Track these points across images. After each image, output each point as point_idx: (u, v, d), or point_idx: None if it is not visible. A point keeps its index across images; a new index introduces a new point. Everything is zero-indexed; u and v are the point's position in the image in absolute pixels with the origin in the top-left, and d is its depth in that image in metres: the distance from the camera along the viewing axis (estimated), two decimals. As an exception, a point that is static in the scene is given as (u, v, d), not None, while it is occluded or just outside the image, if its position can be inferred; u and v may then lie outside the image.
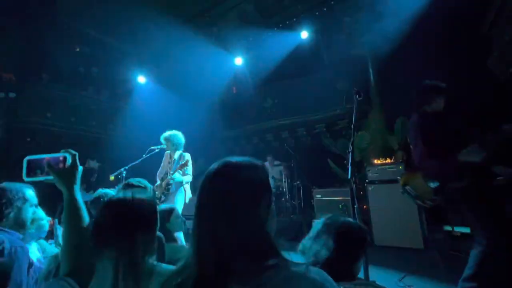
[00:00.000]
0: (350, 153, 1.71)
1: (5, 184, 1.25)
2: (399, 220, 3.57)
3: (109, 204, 0.88)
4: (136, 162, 3.17)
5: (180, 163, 3.11)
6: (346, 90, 5.33)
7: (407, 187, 1.90)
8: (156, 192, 3.11)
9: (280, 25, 6.87)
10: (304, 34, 6.32)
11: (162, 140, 3.38)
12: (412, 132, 1.89)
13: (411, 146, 1.98)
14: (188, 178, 3.24)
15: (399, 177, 2.00)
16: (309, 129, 6.10)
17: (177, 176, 3.12)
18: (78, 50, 7.32)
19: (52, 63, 6.31)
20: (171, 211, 1.79)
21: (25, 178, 0.85)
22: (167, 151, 3.45)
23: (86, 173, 5.99)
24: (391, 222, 3.64)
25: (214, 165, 0.63)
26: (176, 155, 3.34)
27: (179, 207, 3.11)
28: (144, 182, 1.70)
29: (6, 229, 1.18)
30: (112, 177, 5.10)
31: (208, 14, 7.91)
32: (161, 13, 7.85)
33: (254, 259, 0.51)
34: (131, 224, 0.83)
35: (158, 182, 3.25)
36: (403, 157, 4.55)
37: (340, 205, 4.08)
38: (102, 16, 7.16)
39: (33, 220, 1.30)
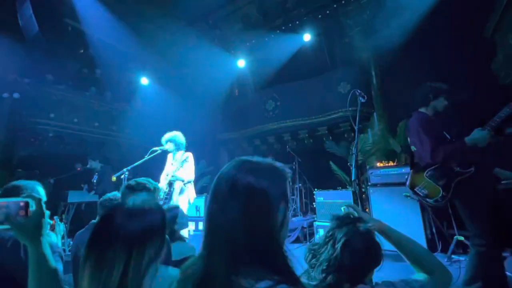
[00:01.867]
0: (354, 155, 1.69)
1: (21, 182, 1.25)
2: (402, 223, 3.53)
3: (116, 211, 0.85)
4: (138, 162, 3.16)
5: (182, 162, 3.11)
6: (349, 92, 5.32)
7: (416, 188, 1.88)
8: (160, 193, 3.10)
9: (283, 28, 6.88)
10: (307, 37, 6.33)
11: (163, 142, 3.37)
12: (414, 132, 1.88)
13: (412, 148, 1.96)
14: (191, 177, 3.24)
15: (406, 180, 1.98)
16: (311, 132, 6.07)
17: (180, 175, 3.12)
18: (82, 51, 7.38)
19: (56, 64, 6.36)
20: (176, 211, 1.79)
21: None
22: (169, 153, 3.45)
23: (88, 174, 5.99)
24: (393, 226, 3.60)
25: (231, 165, 0.58)
26: (178, 155, 3.34)
27: (183, 206, 3.11)
28: (152, 182, 1.69)
29: None
30: (114, 178, 5.11)
31: (211, 16, 7.96)
32: (164, 16, 7.91)
33: (264, 272, 0.47)
34: (140, 234, 0.79)
35: (161, 183, 3.25)
36: (406, 160, 4.52)
37: (342, 208, 4.04)
38: (105, 18, 7.22)
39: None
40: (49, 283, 0.70)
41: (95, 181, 5.09)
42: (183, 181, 3.13)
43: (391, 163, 4.32)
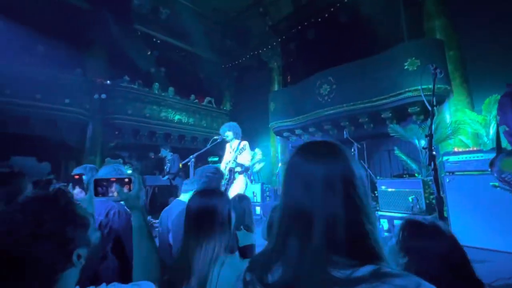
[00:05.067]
0: (428, 138, 1.51)
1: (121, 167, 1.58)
2: (488, 219, 3.05)
3: (194, 204, 1.03)
4: (202, 150, 3.46)
5: (240, 150, 3.28)
6: (418, 69, 4.70)
7: (504, 175, 1.60)
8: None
9: (338, 5, 6.40)
10: (366, 11, 5.77)
11: (222, 131, 3.59)
12: (508, 108, 1.56)
13: (504, 127, 1.65)
14: (248, 163, 3.41)
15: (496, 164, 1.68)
16: (372, 116, 5.59)
17: (238, 163, 3.30)
18: (149, 53, 8.25)
19: (131, 67, 7.30)
20: (246, 202, 1.97)
21: (94, 197, 0.87)
22: (227, 142, 3.66)
23: (160, 161, 6.83)
24: (475, 220, 3.13)
25: (297, 157, 0.56)
26: (235, 144, 3.53)
27: (241, 191, 3.31)
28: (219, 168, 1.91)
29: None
30: (180, 165, 5.72)
31: (261, 3, 7.91)
32: (214, 10, 8.21)
33: (349, 261, 0.44)
34: (212, 224, 0.96)
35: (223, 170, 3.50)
36: (494, 143, 3.82)
37: (410, 198, 3.70)
38: (165, 20, 7.88)
39: None
40: (147, 242, 0.88)
41: (166, 167, 5.76)
42: (242, 167, 3.31)
43: (473, 148, 3.72)
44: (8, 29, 5.35)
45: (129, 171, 1.55)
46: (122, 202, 0.99)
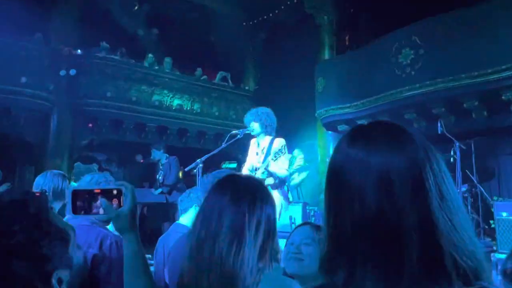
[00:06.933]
0: None
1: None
2: None
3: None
4: (215, 151, 3.52)
5: (273, 152, 3.27)
6: None
7: None
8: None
9: None
10: None
11: (246, 121, 3.60)
12: None
13: None
14: (283, 173, 3.40)
15: None
16: (486, 98, 5.35)
17: (270, 172, 3.31)
18: (136, 7, 8.59)
19: (110, 28, 7.64)
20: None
21: (71, 215, 0.93)
22: (253, 138, 3.68)
23: (151, 168, 7.08)
24: None
25: (345, 140, 0.60)
26: (266, 142, 3.53)
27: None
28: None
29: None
30: (180, 173, 5.90)
31: None
32: None
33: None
34: None
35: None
36: None
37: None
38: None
39: None
40: (143, 278, 0.93)
41: (160, 177, 5.93)
42: (276, 177, 3.31)
43: None
44: None
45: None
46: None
